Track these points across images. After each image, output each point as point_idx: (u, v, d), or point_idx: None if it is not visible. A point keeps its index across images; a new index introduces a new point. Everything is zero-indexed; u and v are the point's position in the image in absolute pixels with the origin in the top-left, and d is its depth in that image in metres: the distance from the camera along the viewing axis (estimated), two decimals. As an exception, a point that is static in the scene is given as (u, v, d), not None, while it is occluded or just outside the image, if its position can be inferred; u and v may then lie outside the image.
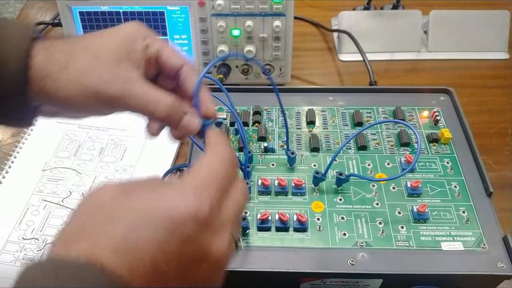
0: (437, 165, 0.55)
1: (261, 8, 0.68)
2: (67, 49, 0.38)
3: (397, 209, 0.51)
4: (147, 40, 0.39)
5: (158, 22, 0.70)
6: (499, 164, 0.66)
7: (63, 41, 0.39)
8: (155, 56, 0.40)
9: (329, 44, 0.88)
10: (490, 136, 0.70)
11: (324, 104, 0.63)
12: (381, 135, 0.59)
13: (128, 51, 0.38)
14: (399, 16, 0.84)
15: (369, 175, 0.54)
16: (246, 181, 0.46)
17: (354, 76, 0.81)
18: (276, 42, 0.71)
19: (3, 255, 0.55)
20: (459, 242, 0.48)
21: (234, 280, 0.49)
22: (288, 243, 0.48)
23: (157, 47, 0.40)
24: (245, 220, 0.48)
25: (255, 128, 0.60)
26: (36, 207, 0.60)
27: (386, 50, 0.85)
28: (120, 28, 0.40)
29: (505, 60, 0.84)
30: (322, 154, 0.57)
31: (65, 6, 0.69)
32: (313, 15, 0.93)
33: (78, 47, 0.38)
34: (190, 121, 0.39)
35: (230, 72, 0.74)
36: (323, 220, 0.50)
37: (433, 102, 0.63)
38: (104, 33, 0.40)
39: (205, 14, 0.69)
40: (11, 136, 0.70)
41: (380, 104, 0.63)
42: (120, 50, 0.38)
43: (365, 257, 0.47)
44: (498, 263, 0.46)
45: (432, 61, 0.84)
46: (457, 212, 0.51)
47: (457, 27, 0.83)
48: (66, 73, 0.37)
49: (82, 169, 0.65)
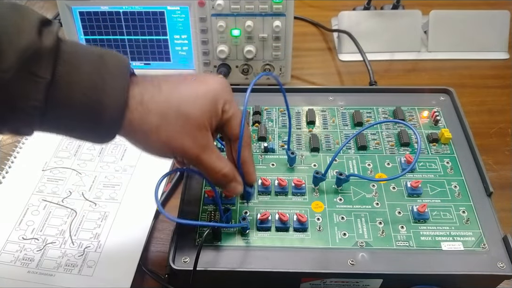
0: (437, 165, 0.55)
1: (261, 8, 0.68)
2: (159, 107, 0.40)
3: (397, 209, 0.51)
4: (226, 105, 0.43)
5: (158, 22, 0.70)
6: (499, 164, 0.66)
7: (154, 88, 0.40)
8: (226, 121, 0.44)
9: (329, 44, 0.89)
10: (490, 136, 0.70)
11: (324, 104, 0.63)
12: (381, 135, 0.59)
13: (210, 118, 0.42)
14: (399, 16, 0.84)
15: (369, 175, 0.54)
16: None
17: (354, 76, 0.81)
18: (276, 42, 0.71)
19: (3, 255, 0.55)
20: (459, 242, 0.48)
21: (234, 280, 0.49)
22: (288, 243, 0.48)
23: (230, 115, 0.44)
24: (245, 220, 0.48)
25: (255, 128, 0.60)
26: (36, 207, 0.60)
27: (386, 50, 0.85)
28: (208, 85, 0.42)
29: (505, 60, 0.84)
30: (322, 154, 0.57)
31: (65, 6, 0.69)
32: (313, 15, 0.93)
33: (170, 103, 0.40)
34: (236, 188, 0.46)
35: (230, 72, 0.74)
36: (323, 220, 0.50)
37: (433, 102, 0.63)
38: (193, 88, 0.42)
39: (205, 14, 0.69)
40: (11, 136, 0.70)
41: (380, 104, 0.63)
42: (204, 117, 0.41)
43: (365, 257, 0.47)
44: (498, 263, 0.46)
45: (432, 61, 0.84)
46: (457, 212, 0.51)
47: (457, 27, 0.83)
48: (157, 134, 0.40)
49: (82, 169, 0.65)
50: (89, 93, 0.37)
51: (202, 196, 0.53)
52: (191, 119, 0.41)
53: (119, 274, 0.52)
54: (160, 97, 0.40)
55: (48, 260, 0.54)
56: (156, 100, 0.39)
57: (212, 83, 0.42)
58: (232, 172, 0.45)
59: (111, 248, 0.55)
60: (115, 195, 0.62)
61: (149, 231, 0.57)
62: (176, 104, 0.40)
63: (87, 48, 0.38)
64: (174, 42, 0.72)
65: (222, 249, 0.48)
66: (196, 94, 0.41)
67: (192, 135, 0.41)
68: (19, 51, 0.34)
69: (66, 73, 0.36)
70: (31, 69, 0.35)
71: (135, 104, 0.39)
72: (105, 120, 0.38)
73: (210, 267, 0.46)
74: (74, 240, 0.56)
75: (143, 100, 0.39)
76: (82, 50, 0.38)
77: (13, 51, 0.34)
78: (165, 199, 0.62)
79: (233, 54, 0.72)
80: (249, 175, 0.47)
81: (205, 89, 0.42)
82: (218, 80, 0.43)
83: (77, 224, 0.58)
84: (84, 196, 0.61)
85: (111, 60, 0.38)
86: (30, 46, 0.34)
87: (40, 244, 0.56)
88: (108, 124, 0.38)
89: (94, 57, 0.38)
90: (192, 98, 0.41)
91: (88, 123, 0.38)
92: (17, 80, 0.34)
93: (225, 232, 0.49)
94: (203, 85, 0.42)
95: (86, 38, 0.72)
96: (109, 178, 0.64)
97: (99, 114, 0.37)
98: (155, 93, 0.40)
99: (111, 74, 0.38)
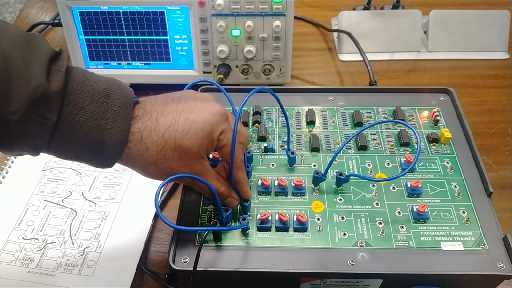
0: (437, 165, 0.55)
1: (261, 8, 0.68)
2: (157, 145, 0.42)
3: (397, 209, 0.51)
4: (221, 135, 0.45)
5: (158, 22, 0.70)
6: (499, 164, 0.66)
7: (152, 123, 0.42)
8: (220, 147, 0.46)
9: (329, 44, 0.89)
10: (490, 136, 0.70)
11: (324, 104, 0.63)
12: (381, 135, 0.59)
13: (206, 148, 0.44)
14: (399, 16, 0.84)
15: (369, 175, 0.54)
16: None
17: (354, 76, 0.81)
18: (276, 42, 0.71)
19: (3, 255, 0.55)
20: (459, 242, 0.48)
21: (234, 280, 0.49)
22: (288, 243, 0.48)
23: (225, 143, 0.45)
24: (245, 220, 0.48)
25: (255, 128, 0.60)
26: (36, 207, 0.60)
27: (386, 50, 0.85)
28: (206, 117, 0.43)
29: (505, 60, 0.84)
30: (322, 154, 0.57)
31: (65, 6, 0.69)
32: (313, 15, 0.93)
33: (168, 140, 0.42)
34: (232, 202, 0.49)
35: (230, 72, 0.74)
36: (323, 220, 0.50)
37: (433, 102, 0.63)
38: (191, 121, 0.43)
39: (205, 14, 0.69)
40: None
41: (380, 104, 0.63)
42: (201, 149, 0.43)
43: (365, 257, 0.47)
44: (498, 263, 0.46)
45: (432, 61, 0.84)
46: (457, 212, 0.51)
47: (457, 27, 0.83)
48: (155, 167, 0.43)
49: (82, 169, 0.65)
50: (91, 132, 0.39)
51: (202, 196, 0.53)
52: (188, 153, 0.43)
53: (119, 274, 0.52)
54: (158, 134, 0.42)
55: (48, 260, 0.54)
56: (153, 137, 0.42)
57: (210, 116, 0.44)
58: (227, 190, 0.48)
59: (111, 248, 0.56)
60: (115, 195, 0.62)
61: (149, 231, 0.57)
62: (173, 140, 0.42)
63: (93, 84, 0.40)
64: (174, 42, 0.72)
65: (222, 249, 0.48)
66: (194, 128, 0.43)
67: (189, 165, 0.43)
68: (27, 94, 0.35)
69: (71, 114, 0.38)
70: (39, 112, 0.36)
71: (134, 141, 0.41)
72: (105, 155, 0.41)
73: (210, 267, 0.46)
74: (74, 240, 0.56)
75: (142, 138, 0.41)
76: (89, 88, 0.39)
77: (22, 94, 0.35)
78: (165, 199, 0.62)
79: (233, 54, 0.72)
80: (243, 193, 0.49)
81: (202, 122, 0.43)
82: (217, 110, 0.45)
83: (77, 224, 0.58)
84: (84, 196, 0.61)
85: (116, 98, 0.40)
86: (38, 89, 0.35)
87: (40, 244, 0.56)
88: (107, 159, 0.41)
89: (100, 96, 0.39)
90: (190, 132, 0.43)
91: (89, 156, 0.41)
92: (24, 122, 0.36)
93: (225, 232, 0.49)
94: (201, 117, 0.43)
95: (86, 38, 0.72)
96: (109, 178, 0.64)
97: (100, 152, 0.40)
98: (152, 129, 0.42)
99: (114, 113, 0.40)
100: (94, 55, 0.74)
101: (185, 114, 0.43)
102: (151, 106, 0.43)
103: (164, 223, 0.41)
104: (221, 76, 0.72)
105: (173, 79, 0.75)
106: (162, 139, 0.42)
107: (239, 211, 0.51)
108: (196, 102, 0.44)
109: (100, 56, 0.74)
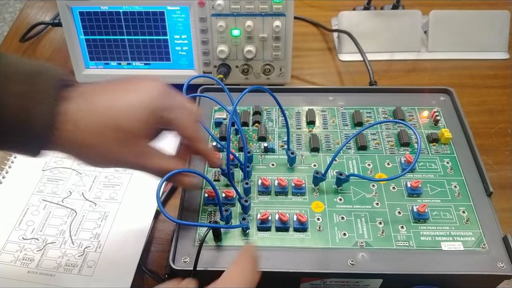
0: (437, 165, 0.55)
1: (261, 8, 0.68)
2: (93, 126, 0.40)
3: (397, 209, 0.51)
4: (165, 112, 0.43)
5: (158, 22, 0.70)
6: (499, 164, 0.66)
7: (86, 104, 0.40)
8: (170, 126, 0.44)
9: (329, 44, 0.89)
10: (490, 136, 0.70)
11: (324, 104, 0.63)
12: (381, 135, 0.59)
13: (147, 127, 0.42)
14: (399, 16, 0.84)
15: (369, 175, 0.54)
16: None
17: (354, 76, 0.81)
18: (276, 42, 0.71)
19: (3, 255, 0.55)
20: (459, 242, 0.48)
21: (234, 280, 0.48)
22: (288, 243, 0.48)
23: (172, 120, 0.44)
24: (245, 220, 0.48)
25: (255, 128, 0.60)
26: (36, 207, 0.60)
27: (386, 50, 0.85)
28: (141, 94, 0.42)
29: (505, 60, 0.84)
30: (322, 154, 0.57)
31: (65, 6, 0.69)
32: (313, 15, 0.93)
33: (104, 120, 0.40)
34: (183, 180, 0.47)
35: (230, 72, 0.74)
36: (323, 220, 0.50)
37: (433, 102, 0.63)
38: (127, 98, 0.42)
39: (205, 14, 0.69)
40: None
41: (380, 104, 0.63)
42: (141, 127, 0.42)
43: (365, 257, 0.47)
44: (498, 263, 0.46)
45: (432, 61, 0.84)
46: (457, 212, 0.51)
47: (457, 27, 0.83)
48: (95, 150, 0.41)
49: (82, 169, 0.65)
50: (18, 114, 0.37)
51: (202, 196, 0.53)
52: (127, 132, 0.41)
53: (119, 274, 0.52)
54: (95, 114, 0.40)
55: (48, 260, 0.54)
56: (88, 118, 0.40)
57: (145, 91, 0.42)
58: (177, 167, 0.45)
59: (111, 248, 0.55)
60: (115, 195, 0.62)
61: (149, 231, 0.57)
62: (110, 119, 0.40)
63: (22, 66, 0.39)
64: (174, 42, 0.72)
65: (222, 249, 0.48)
66: (130, 105, 0.41)
67: (130, 145, 0.42)
68: None
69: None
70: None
71: (63, 121, 0.39)
72: (33, 138, 0.39)
73: (210, 267, 0.46)
74: (74, 240, 0.56)
75: (73, 118, 0.39)
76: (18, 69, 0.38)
77: None
78: (165, 199, 0.62)
79: (233, 54, 0.72)
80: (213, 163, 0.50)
81: (138, 99, 0.42)
82: (152, 86, 0.43)
83: (77, 224, 0.58)
84: (84, 196, 0.61)
85: (43, 78, 0.39)
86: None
87: (40, 244, 0.56)
88: (36, 142, 0.39)
89: (26, 77, 0.38)
90: (126, 110, 0.41)
91: (18, 139, 0.39)
92: None
93: (225, 232, 0.49)
94: (136, 94, 0.42)
95: (86, 38, 0.72)
96: (109, 178, 0.64)
97: (27, 135, 0.39)
98: (87, 109, 0.40)
99: (41, 93, 0.38)
100: (94, 55, 0.74)
101: (125, 94, 0.42)
102: (89, 88, 0.42)
103: (166, 217, 0.40)
104: (221, 76, 0.72)
105: (173, 79, 0.74)
106: (101, 120, 0.40)
107: (239, 211, 0.51)
108: (137, 82, 0.43)
109: (100, 56, 0.74)
